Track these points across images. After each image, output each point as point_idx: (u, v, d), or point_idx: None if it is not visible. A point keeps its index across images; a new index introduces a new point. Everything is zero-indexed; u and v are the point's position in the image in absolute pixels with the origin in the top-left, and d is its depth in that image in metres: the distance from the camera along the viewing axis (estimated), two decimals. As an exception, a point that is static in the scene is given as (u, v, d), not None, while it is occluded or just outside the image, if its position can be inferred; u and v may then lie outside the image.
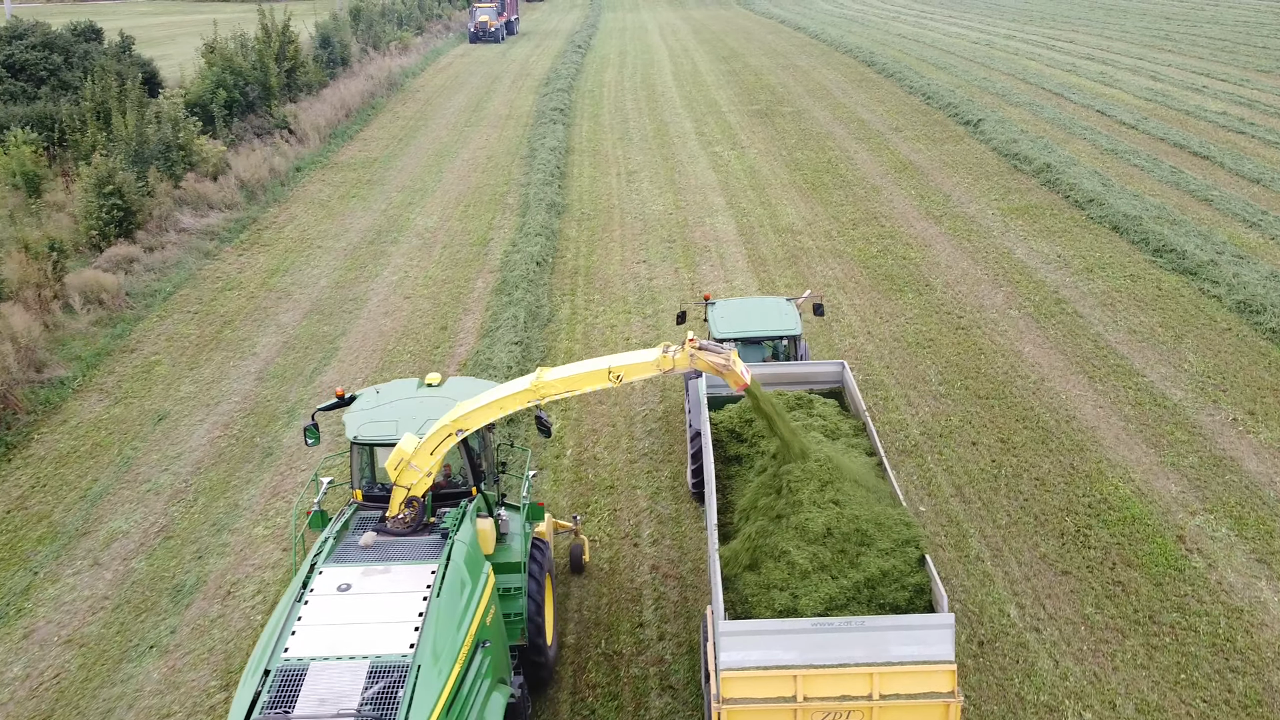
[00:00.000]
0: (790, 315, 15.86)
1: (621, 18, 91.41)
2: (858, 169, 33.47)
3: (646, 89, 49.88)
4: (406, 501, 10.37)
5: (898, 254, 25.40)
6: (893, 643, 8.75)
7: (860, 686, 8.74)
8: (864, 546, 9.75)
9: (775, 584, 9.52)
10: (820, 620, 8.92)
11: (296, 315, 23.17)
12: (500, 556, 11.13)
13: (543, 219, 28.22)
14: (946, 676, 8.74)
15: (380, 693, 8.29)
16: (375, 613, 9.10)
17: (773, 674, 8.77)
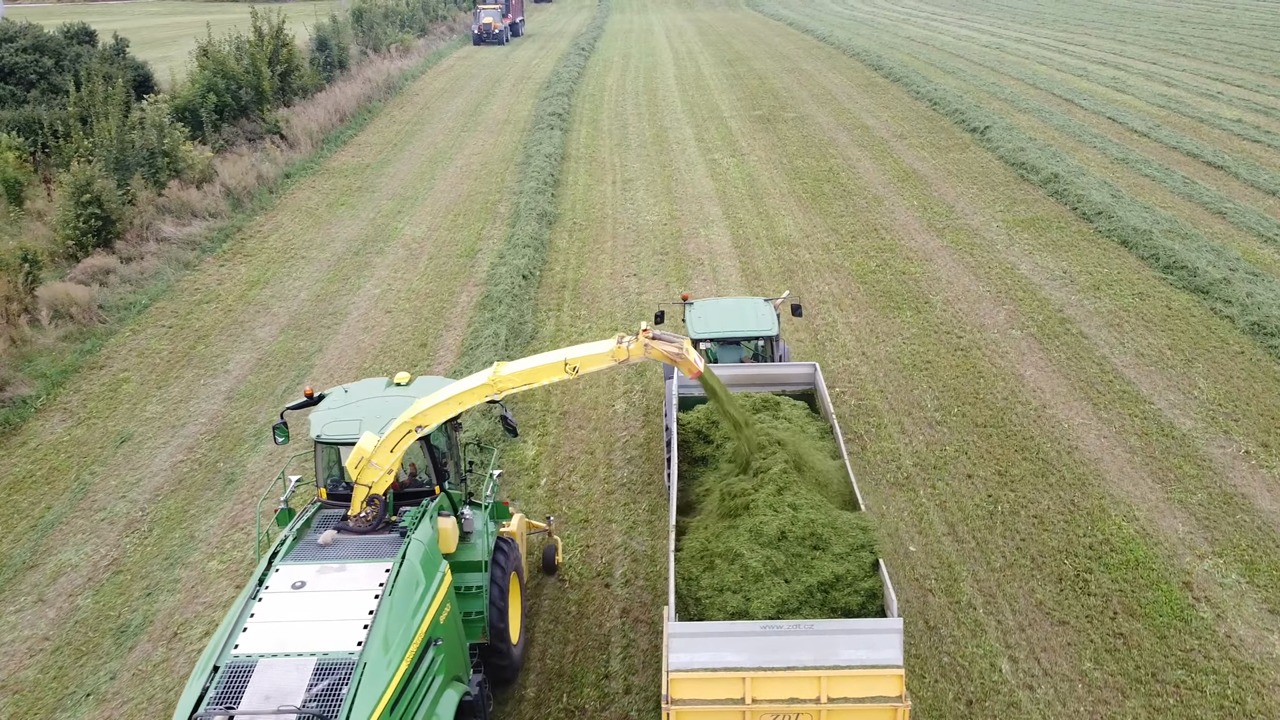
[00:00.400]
0: (767, 316, 15.76)
1: (629, 19, 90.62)
2: (859, 178, 32.58)
3: (648, 93, 49.07)
4: (368, 500, 10.37)
5: (897, 269, 24.51)
6: (841, 646, 8.77)
7: (809, 690, 8.75)
8: (818, 550, 9.80)
9: (728, 586, 9.54)
10: (769, 623, 8.92)
11: (273, 330, 22.44)
12: (462, 555, 11.08)
13: (532, 229, 27.43)
14: (895, 681, 8.74)
15: (325, 690, 8.32)
16: (326, 610, 9.14)
17: (721, 676, 8.79)
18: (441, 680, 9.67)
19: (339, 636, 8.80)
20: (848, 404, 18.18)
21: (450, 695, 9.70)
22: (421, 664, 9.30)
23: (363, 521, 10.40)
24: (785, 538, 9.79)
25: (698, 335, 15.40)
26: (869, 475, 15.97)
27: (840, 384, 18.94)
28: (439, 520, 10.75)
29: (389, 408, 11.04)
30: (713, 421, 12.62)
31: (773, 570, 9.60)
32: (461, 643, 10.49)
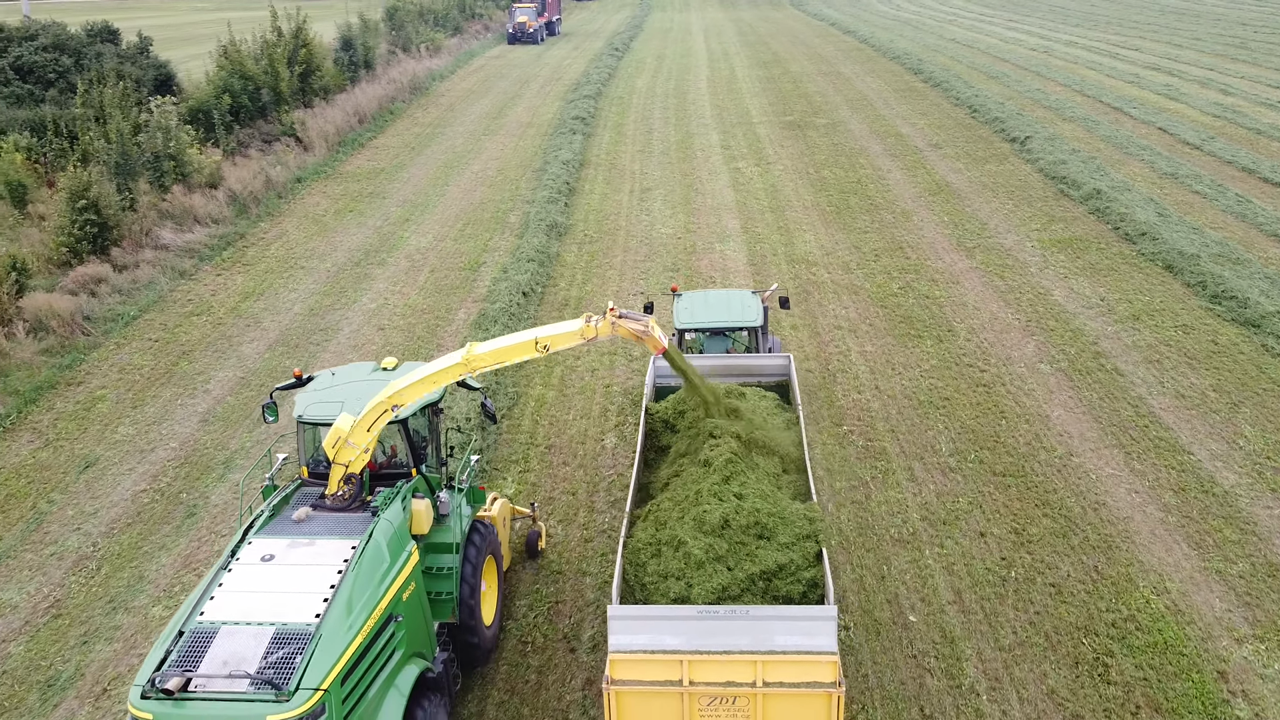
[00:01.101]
0: (752, 308, 15.94)
1: (669, 18, 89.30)
2: (889, 190, 30.99)
3: (678, 96, 47.73)
4: (345, 479, 10.62)
5: (920, 291, 22.98)
6: (777, 633, 8.89)
7: (745, 673, 8.89)
8: (763, 540, 9.92)
9: (672, 573, 9.71)
10: (706, 608, 9.06)
11: (260, 346, 21.53)
12: (436, 537, 11.30)
13: (539, 242, 26.28)
14: (829, 667, 8.85)
15: (281, 658, 8.65)
16: (291, 583, 9.46)
17: (659, 658, 8.95)
18: (401, 655, 9.91)
19: (299, 608, 9.12)
20: (854, 445, 16.78)
21: (410, 670, 9.96)
22: (380, 638, 9.53)
23: (339, 500, 10.66)
24: (729, 526, 9.91)
25: (683, 325, 15.68)
26: (870, 530, 14.57)
27: (848, 421, 17.53)
28: (413, 502, 10.90)
29: (372, 391, 11.08)
30: (680, 412, 12.73)
31: (715, 558, 9.72)
32: (426, 621, 10.70)
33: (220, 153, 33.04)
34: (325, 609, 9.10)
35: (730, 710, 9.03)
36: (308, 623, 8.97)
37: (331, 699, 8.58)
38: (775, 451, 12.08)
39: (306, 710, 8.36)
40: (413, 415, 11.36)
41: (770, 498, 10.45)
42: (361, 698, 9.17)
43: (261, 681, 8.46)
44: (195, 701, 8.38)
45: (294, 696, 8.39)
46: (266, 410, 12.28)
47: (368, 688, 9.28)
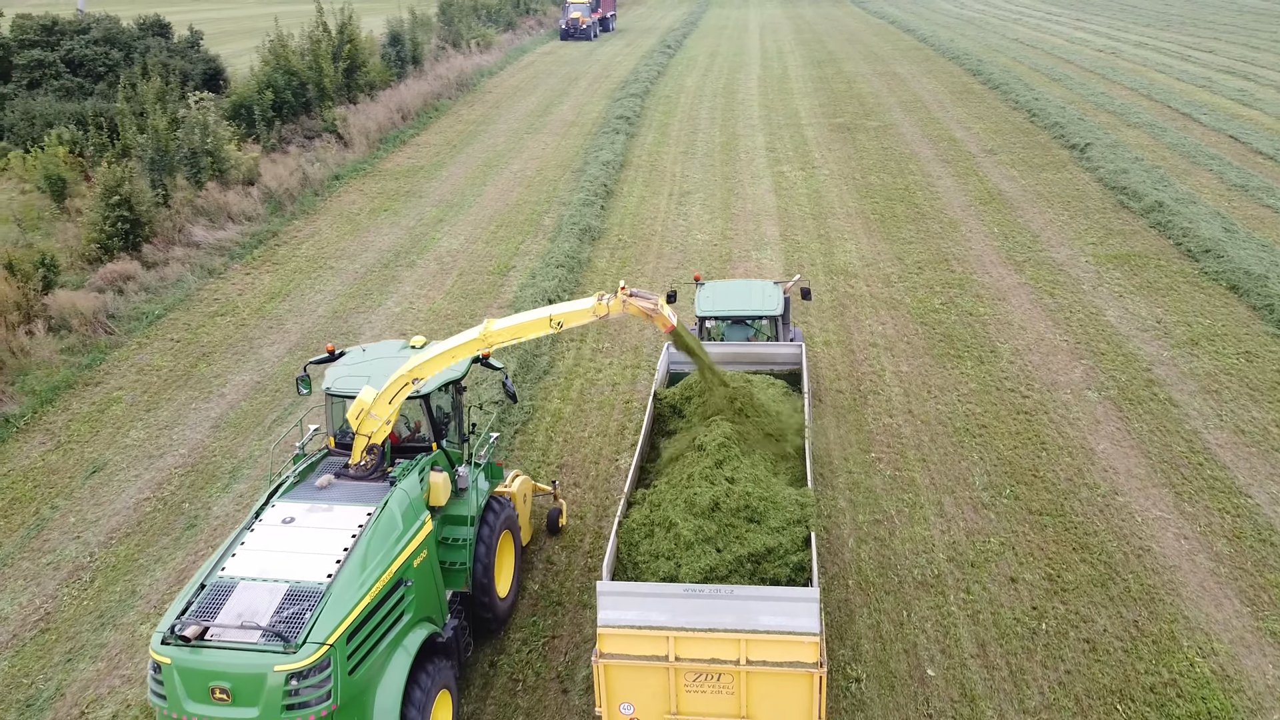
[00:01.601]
0: (773, 297, 16.12)
1: (725, 14, 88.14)
2: (938, 198, 29.76)
3: (726, 96, 46.75)
4: (368, 449, 11.05)
5: (964, 308, 21.84)
6: (760, 613, 9.00)
7: (729, 651, 9.04)
8: (753, 523, 10.12)
9: (662, 553, 9.93)
10: (691, 587, 9.21)
11: (280, 349, 21.19)
12: (453, 509, 11.77)
13: (570, 247, 25.62)
14: (811, 648, 8.94)
15: (292, 613, 9.15)
16: (307, 544, 9.96)
17: (647, 634, 9.12)
18: (410, 618, 10.31)
19: (312, 568, 9.61)
20: (881, 475, 15.83)
21: (419, 633, 10.37)
22: (388, 600, 9.94)
23: (361, 469, 11.11)
24: (719, 509, 10.12)
25: (704, 313, 15.93)
26: (892, 569, 13.64)
27: (877, 448, 16.57)
28: (431, 475, 11.31)
29: (397, 366, 11.32)
30: (687, 397, 12.89)
31: (704, 539, 9.93)
32: (437, 588, 11.10)
33: (260, 149, 32.94)
34: (337, 570, 9.57)
35: (715, 687, 9.16)
36: (319, 582, 9.44)
37: (337, 653, 9.06)
38: (779, 437, 12.17)
39: (312, 662, 8.86)
40: (436, 392, 11.86)
41: (763, 482, 10.61)
42: (368, 655, 9.58)
43: (272, 634, 8.97)
44: (210, 649, 8.95)
45: (300, 649, 8.87)
46: (300, 382, 12.91)
47: (375, 645, 9.69)
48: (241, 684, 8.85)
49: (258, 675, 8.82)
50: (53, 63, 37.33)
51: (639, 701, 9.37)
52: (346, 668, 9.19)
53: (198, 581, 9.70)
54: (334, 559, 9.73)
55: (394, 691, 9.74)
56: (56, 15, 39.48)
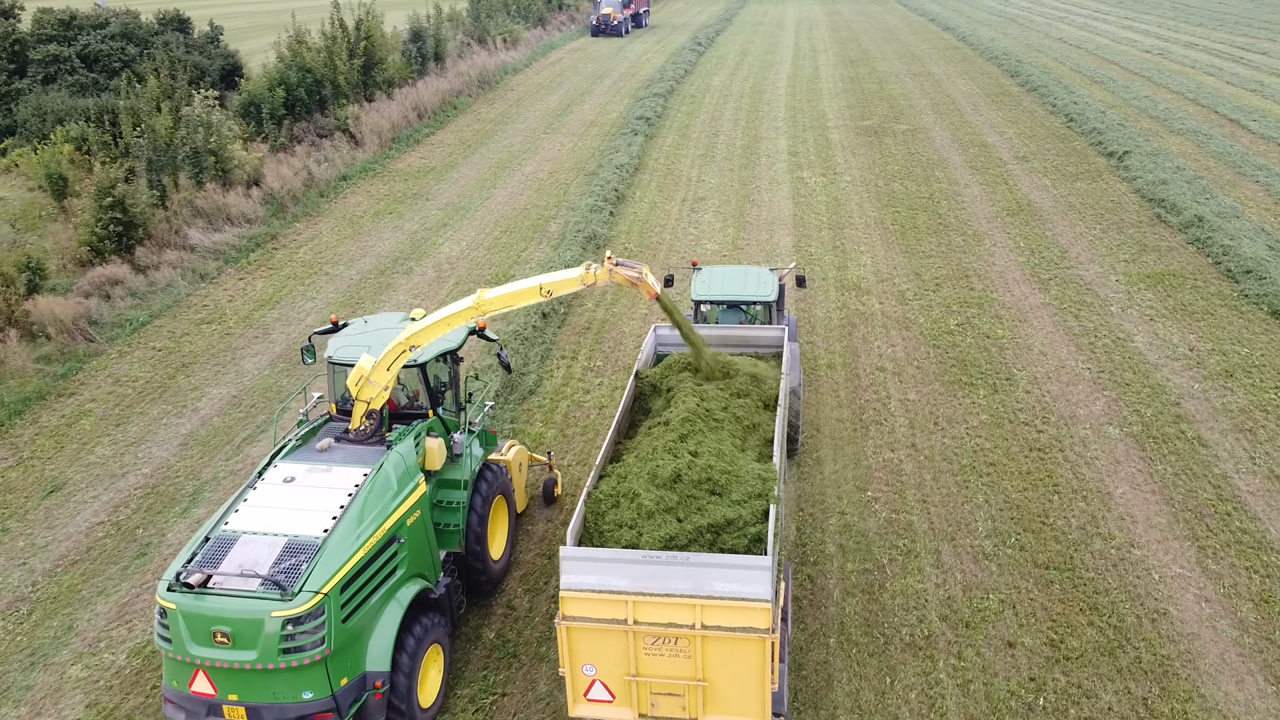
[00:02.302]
0: (767, 283, 16.16)
1: (763, 11, 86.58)
2: (963, 208, 28.33)
3: (753, 96, 45.44)
4: (367, 414, 11.54)
5: (981, 330, 20.51)
6: (715, 579, 9.22)
7: (686, 616, 9.27)
8: (715, 496, 10.38)
9: (626, 522, 10.18)
10: (650, 553, 9.46)
11: (262, 361, 20.44)
12: (448, 474, 12.38)
13: (573, 256, 24.62)
14: (763, 614, 9.14)
15: (290, 564, 9.75)
16: (306, 502, 10.58)
17: (607, 598, 9.36)
18: (403, 574, 10.93)
19: (310, 523, 10.22)
20: (876, 517, 14.64)
21: (411, 587, 11.00)
22: (381, 555, 10.54)
23: (360, 434, 11.62)
24: (680, 480, 10.37)
25: (699, 298, 16.06)
26: (878, 627, 12.48)
27: (874, 486, 15.39)
28: (427, 440, 11.94)
29: (397, 336, 11.67)
30: (666, 377, 13.02)
31: (665, 509, 10.17)
32: (430, 547, 11.67)
33: (267, 148, 32.32)
34: (333, 525, 10.16)
35: (673, 650, 9.39)
36: (316, 536, 10.04)
37: (331, 602, 9.64)
38: (760, 380, 12.67)
39: (307, 609, 9.46)
40: (433, 362, 12.48)
41: (727, 456, 10.86)
42: (362, 605, 10.16)
43: (270, 582, 9.57)
44: (212, 596, 9.57)
45: (296, 597, 9.47)
46: (305, 352, 13.60)
47: (368, 597, 10.28)
48: (241, 628, 9.46)
49: (256, 620, 9.44)
50: (68, 58, 37.05)
51: (601, 663, 9.64)
52: (340, 616, 9.76)
53: (202, 535, 10.38)
54: (330, 515, 10.32)
55: (386, 639, 10.40)
56: (75, 10, 39.20)
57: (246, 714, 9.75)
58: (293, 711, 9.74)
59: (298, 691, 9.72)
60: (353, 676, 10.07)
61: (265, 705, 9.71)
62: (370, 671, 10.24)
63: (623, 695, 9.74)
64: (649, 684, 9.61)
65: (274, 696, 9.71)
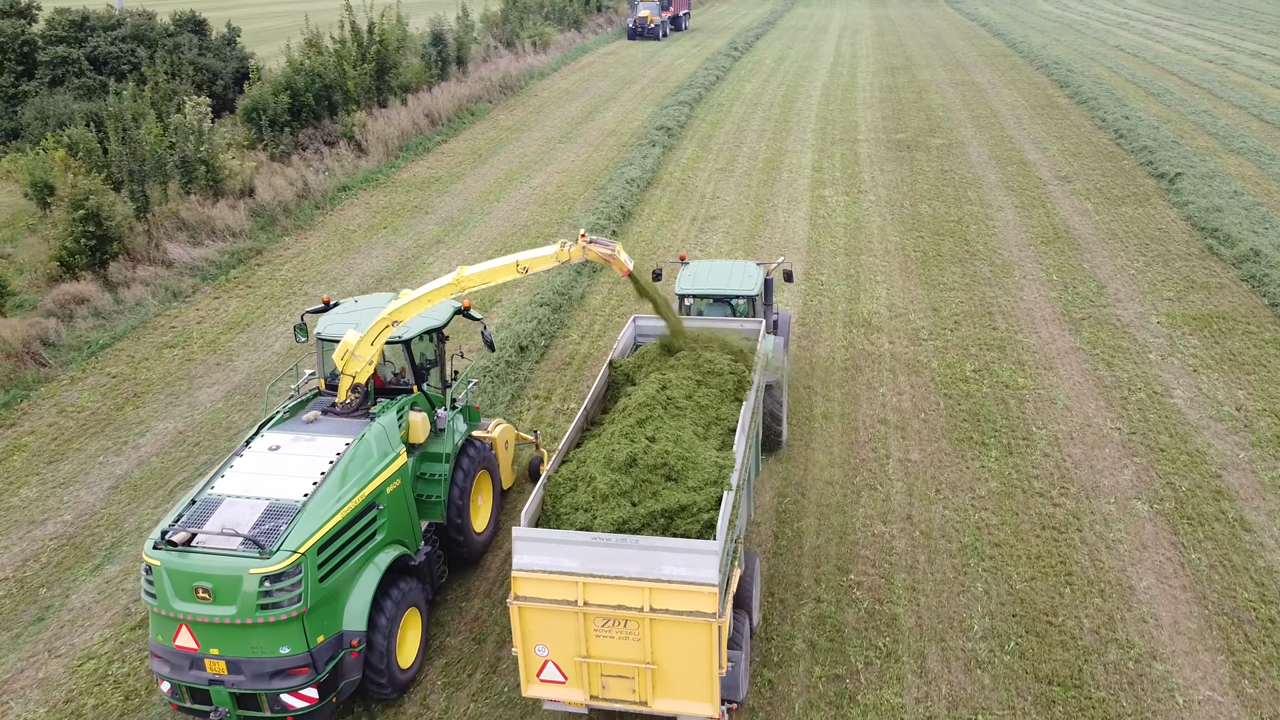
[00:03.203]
0: (751, 277, 16.15)
1: (810, 14, 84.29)
2: (995, 233, 26.16)
3: (784, 105, 43.42)
4: (352, 388, 11.96)
5: (1000, 378, 18.46)
6: (664, 563, 9.21)
7: (635, 599, 9.27)
8: (671, 481, 10.35)
9: (581, 505, 10.21)
10: (599, 535, 9.47)
11: (218, 392, 19.09)
12: (431, 447, 12.81)
13: (564, 281, 23.00)
14: (710, 598, 9.13)
15: (270, 526, 10.21)
16: (290, 468, 11.00)
17: (558, 579, 9.40)
18: (382, 539, 11.35)
19: (291, 488, 10.67)
20: (856, 607, 12.77)
21: (389, 553, 11.40)
22: (360, 520, 10.93)
23: (347, 407, 12.08)
24: (635, 464, 10.35)
25: (683, 291, 16.01)
26: (842, 755, 10.62)
27: (858, 568, 13.50)
28: (411, 414, 12.45)
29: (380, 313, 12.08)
30: (639, 366, 12.92)
31: (619, 493, 10.17)
32: (410, 516, 12.10)
33: (265, 156, 31.16)
34: (314, 490, 10.59)
35: (622, 632, 9.38)
36: (296, 500, 10.49)
37: (307, 562, 10.07)
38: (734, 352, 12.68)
39: (283, 568, 9.88)
40: (418, 339, 12.91)
41: (685, 443, 10.83)
42: (339, 566, 10.55)
43: (250, 541, 10.03)
44: (195, 554, 10.03)
45: (274, 555, 9.92)
46: (297, 330, 13.75)
47: (345, 559, 10.67)
48: (221, 584, 9.88)
49: (235, 577, 9.85)
50: (76, 60, 36.34)
51: (553, 644, 9.66)
52: (317, 575, 10.19)
53: (190, 498, 10.82)
54: (311, 481, 10.76)
55: (363, 600, 10.79)
56: (88, 10, 38.54)
57: (226, 667, 10.16)
58: (270, 666, 10.12)
59: (275, 646, 10.11)
60: (329, 634, 10.47)
61: (244, 659, 10.11)
62: (347, 630, 10.66)
63: (575, 676, 9.76)
64: (600, 666, 9.62)
65: (253, 651, 10.10)
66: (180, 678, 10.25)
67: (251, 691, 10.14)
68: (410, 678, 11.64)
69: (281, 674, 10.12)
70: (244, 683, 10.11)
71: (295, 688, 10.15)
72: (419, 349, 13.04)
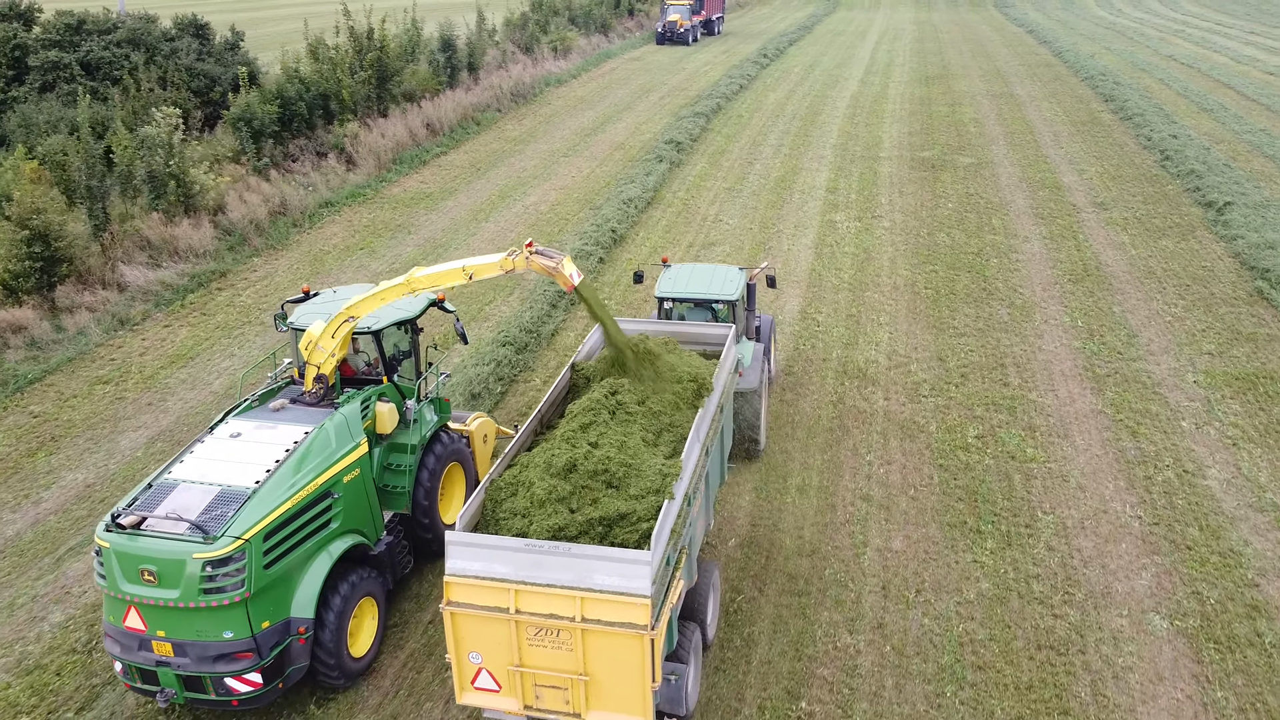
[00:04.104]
0: (732, 282, 15.84)
1: (849, 18, 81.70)
2: (1017, 269, 23.77)
3: (806, 118, 41.13)
4: (317, 378, 12.11)
5: (1007, 447, 16.20)
6: (596, 571, 9.01)
7: (567, 608, 9.07)
8: (612, 489, 10.11)
9: (519, 511, 10.01)
10: (531, 542, 9.23)
11: (142, 437, 17.48)
12: (399, 438, 12.78)
13: (538, 314, 21.16)
14: (642, 609, 8.89)
15: (219, 512, 10.42)
16: (247, 455, 11.21)
17: (490, 585, 9.20)
18: (337, 528, 11.42)
19: (243, 474, 10.88)
20: None
21: (344, 541, 11.47)
22: (313, 509, 11.05)
23: (314, 396, 12.12)
24: (575, 470, 10.08)
25: (662, 294, 15.70)
26: None
27: (812, 692, 11.40)
28: (378, 405, 12.38)
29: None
30: (599, 372, 12.44)
31: (557, 499, 9.93)
32: (370, 505, 12.09)
33: (246, 169, 29.67)
34: (266, 477, 10.70)
35: (555, 642, 9.17)
36: (247, 487, 10.59)
37: (251, 548, 10.15)
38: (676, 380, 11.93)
39: (226, 553, 10.02)
40: (392, 331, 12.92)
41: (629, 449, 10.51)
42: (286, 553, 10.58)
43: (195, 527, 10.19)
44: (143, 537, 10.22)
45: (217, 541, 10.06)
46: (277, 319, 13.75)
47: (294, 546, 10.70)
48: (166, 568, 10.08)
49: (179, 561, 10.03)
50: (68, 64, 35.19)
51: (486, 652, 9.49)
52: (262, 561, 10.29)
53: (146, 482, 11.03)
54: (265, 468, 10.87)
55: (312, 588, 10.88)
56: (87, 12, 37.43)
57: (173, 649, 10.37)
58: (214, 649, 10.31)
59: (219, 630, 10.28)
60: (275, 620, 10.60)
61: (189, 642, 10.31)
62: (294, 617, 10.78)
63: (508, 685, 9.56)
64: (533, 675, 9.40)
65: (197, 634, 10.29)
66: (130, 658, 10.53)
67: (197, 674, 10.36)
68: (364, 666, 11.78)
69: (225, 658, 10.34)
70: (189, 665, 10.35)
71: (239, 672, 10.35)
72: (391, 340, 13.10)
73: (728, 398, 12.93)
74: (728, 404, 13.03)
